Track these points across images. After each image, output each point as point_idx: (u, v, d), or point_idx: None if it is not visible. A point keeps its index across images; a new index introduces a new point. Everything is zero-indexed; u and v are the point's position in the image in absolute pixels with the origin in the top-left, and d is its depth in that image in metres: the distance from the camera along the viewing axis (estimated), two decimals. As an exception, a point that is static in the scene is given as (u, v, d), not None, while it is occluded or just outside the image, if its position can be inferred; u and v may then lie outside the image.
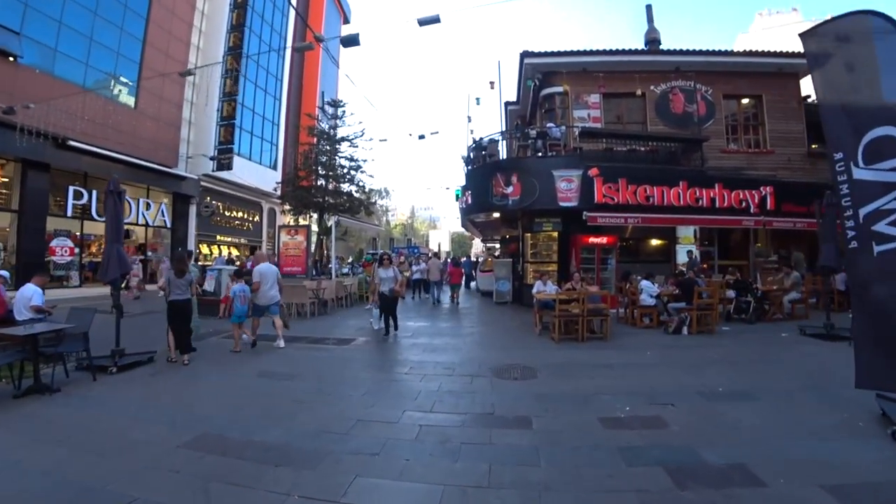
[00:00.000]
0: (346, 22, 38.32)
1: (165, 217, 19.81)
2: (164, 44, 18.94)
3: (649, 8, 17.85)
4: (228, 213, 24.47)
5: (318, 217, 22.20)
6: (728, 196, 12.99)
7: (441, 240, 71.68)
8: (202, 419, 4.42)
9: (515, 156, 15.95)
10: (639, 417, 4.37)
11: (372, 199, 25.21)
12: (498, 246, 28.37)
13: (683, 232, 13.22)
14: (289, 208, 22.97)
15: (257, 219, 27.05)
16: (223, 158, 21.66)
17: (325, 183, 22.04)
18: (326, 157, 22.05)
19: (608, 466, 3.40)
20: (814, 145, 14.88)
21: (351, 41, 7.37)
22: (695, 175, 13.13)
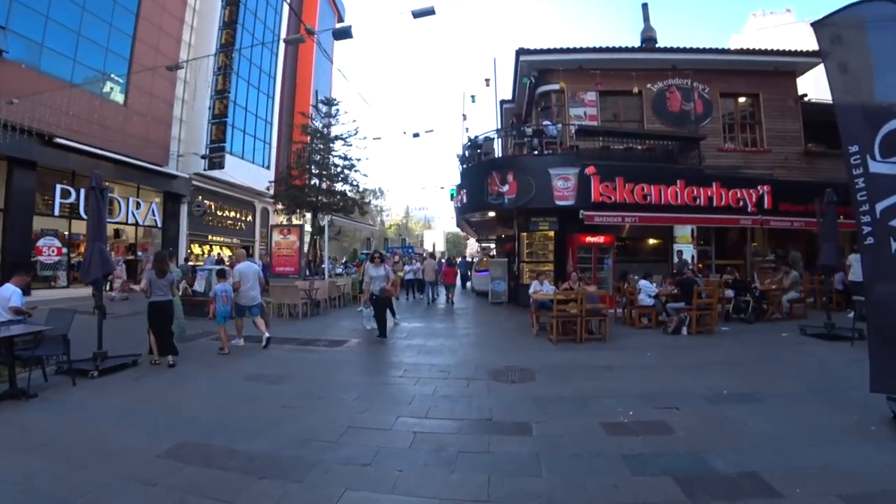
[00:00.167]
0: (341, 20, 38.10)
1: (156, 216, 19.49)
2: (155, 40, 18.60)
3: (645, 6, 17.71)
4: (221, 213, 24.13)
5: (312, 217, 21.93)
6: (725, 195, 12.88)
7: (436, 240, 71.57)
8: (185, 426, 4.20)
9: (511, 154, 15.78)
10: (642, 422, 4.19)
11: (366, 199, 24.92)
12: (493, 246, 28.24)
13: (681, 231, 13.09)
14: (282, 208, 22.67)
15: (250, 218, 26.72)
16: (215, 157, 21.32)
17: (318, 182, 21.76)
18: (320, 156, 21.78)
19: (613, 476, 3.22)
20: (810, 144, 14.85)
21: (343, 33, 7.15)
22: (692, 174, 13.01)
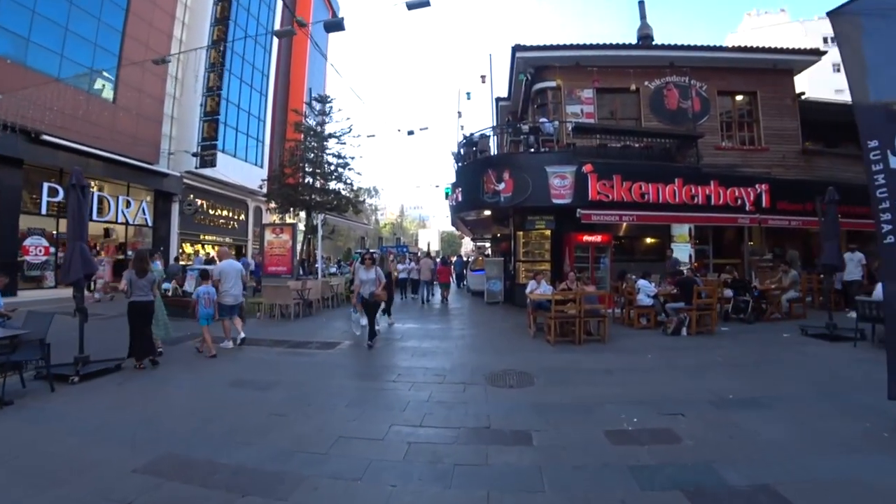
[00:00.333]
0: (335, 16, 37.78)
1: (146, 215, 19.16)
2: (145, 36, 18.28)
3: (642, 4, 17.57)
4: (213, 212, 23.79)
5: (306, 215, 21.68)
6: (724, 193, 12.74)
7: (431, 239, 71.28)
8: (166, 436, 3.97)
9: (507, 152, 15.59)
10: (648, 430, 4.00)
11: (360, 198, 24.68)
12: (488, 245, 28.05)
13: (678, 230, 12.94)
14: (275, 206, 22.40)
15: (243, 217, 26.39)
16: (206, 155, 21.01)
17: (312, 180, 21.51)
18: (314, 154, 21.53)
19: (620, 489, 3.03)
20: (807, 143, 14.75)
21: (335, 26, 6.94)
22: (690, 172, 12.86)
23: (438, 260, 17.96)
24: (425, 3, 6.24)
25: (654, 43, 15.46)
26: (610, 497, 2.95)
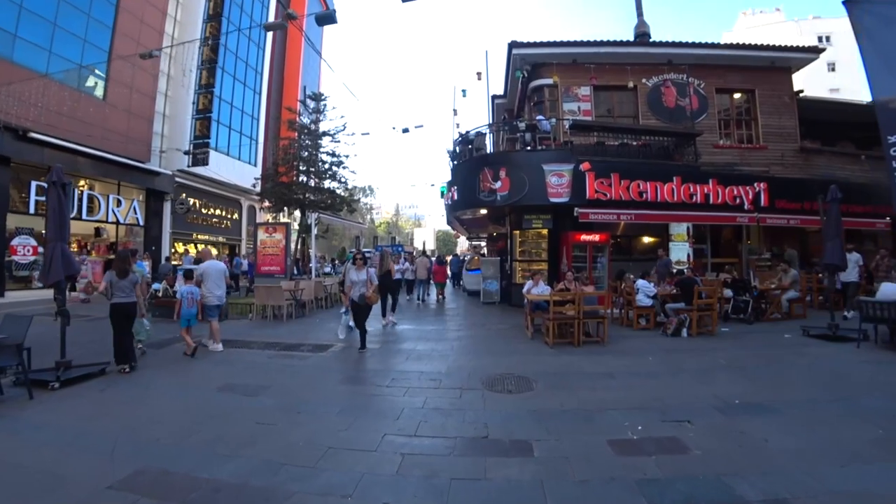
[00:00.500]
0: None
1: (138, 214, 18.84)
2: (136, 32, 17.93)
3: (639, 1, 17.45)
4: (206, 211, 23.45)
5: (301, 214, 21.42)
6: (722, 192, 12.62)
7: (426, 238, 71.11)
8: (146, 447, 3.75)
9: (503, 150, 15.40)
10: (653, 439, 3.81)
11: (355, 197, 24.43)
12: (484, 244, 27.88)
13: (676, 229, 12.78)
14: (269, 205, 22.11)
15: (236, 216, 26.06)
16: (199, 153, 20.70)
17: (306, 179, 21.25)
18: (308, 153, 21.28)
19: (627, 506, 2.84)
20: (805, 141, 14.65)
21: (327, 18, 6.72)
22: (689, 170, 12.72)
23: (434, 259, 17.77)
24: (420, -5, 6.05)
25: (651, 40, 15.32)
26: (617, 514, 2.76)
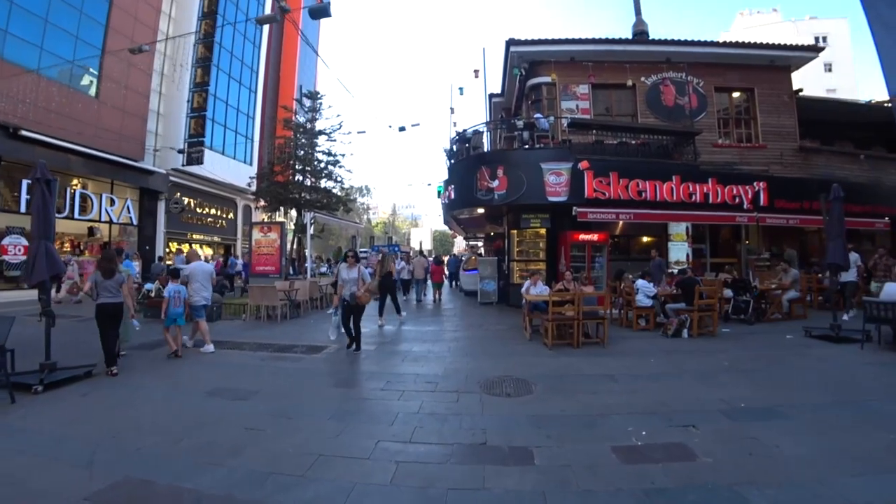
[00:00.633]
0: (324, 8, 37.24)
1: (131, 214, 18.62)
2: (129, 29, 17.69)
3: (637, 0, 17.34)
4: (200, 210, 23.22)
5: (297, 214, 21.22)
6: (721, 191, 12.51)
7: (423, 238, 70.95)
8: (128, 456, 3.57)
9: (501, 148, 15.25)
10: (659, 445, 3.66)
11: (351, 196, 24.24)
12: (481, 244, 27.73)
13: (675, 229, 12.65)
14: (264, 205, 21.90)
15: (231, 216, 25.84)
16: (193, 152, 20.47)
17: (301, 178, 21.06)
18: (304, 152, 21.09)
19: (634, 519, 2.69)
20: (804, 140, 14.56)
21: (321, 11, 6.56)
22: (688, 170, 12.60)
23: (432, 259, 17.62)
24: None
25: (650, 38, 15.20)
26: (624, 528, 2.61)
